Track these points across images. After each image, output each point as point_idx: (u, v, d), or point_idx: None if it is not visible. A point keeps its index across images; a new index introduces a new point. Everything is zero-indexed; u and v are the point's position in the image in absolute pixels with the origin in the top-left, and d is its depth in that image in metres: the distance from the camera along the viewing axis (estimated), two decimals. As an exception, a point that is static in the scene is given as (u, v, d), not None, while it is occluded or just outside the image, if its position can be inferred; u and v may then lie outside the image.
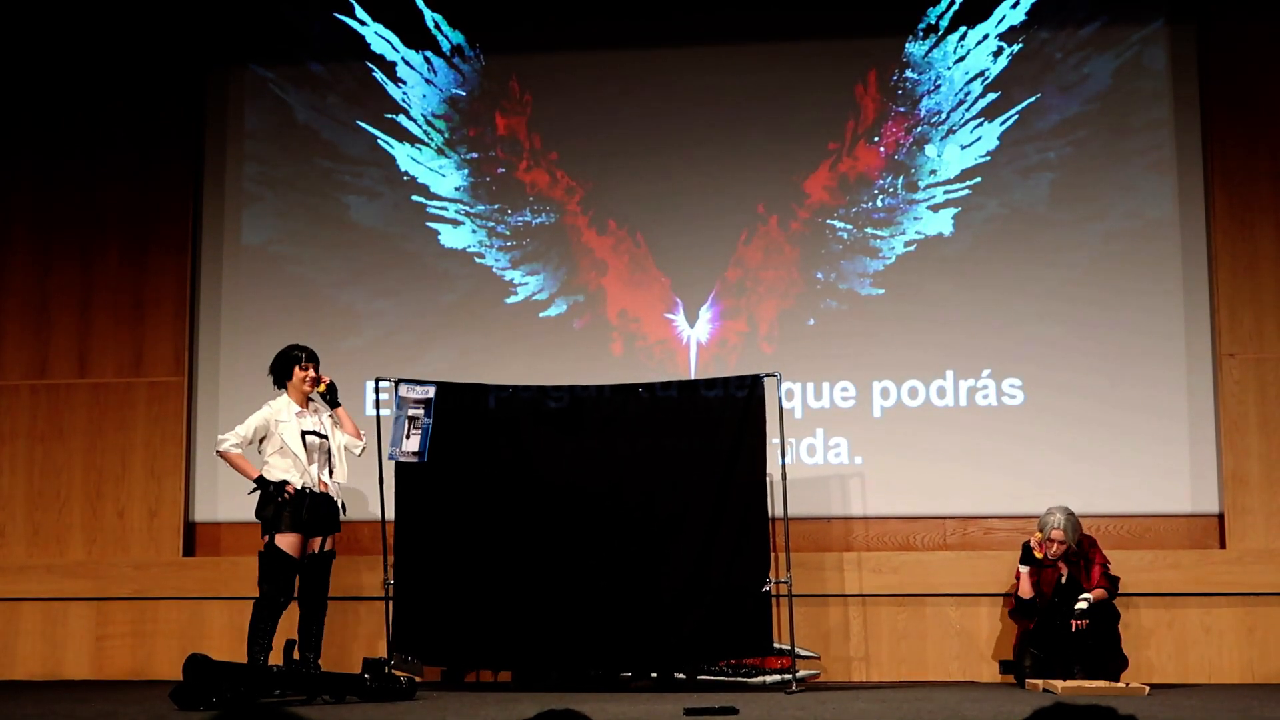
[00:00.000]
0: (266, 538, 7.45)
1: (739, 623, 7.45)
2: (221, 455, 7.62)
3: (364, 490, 8.05)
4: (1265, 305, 8.49)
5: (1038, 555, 7.65)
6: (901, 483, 8.61)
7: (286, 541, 7.43)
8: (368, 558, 8.45)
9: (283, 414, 7.58)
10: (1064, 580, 7.66)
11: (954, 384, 8.65)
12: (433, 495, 7.74)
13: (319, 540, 7.54)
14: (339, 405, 7.72)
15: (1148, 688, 7.29)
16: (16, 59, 9.37)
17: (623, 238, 8.98)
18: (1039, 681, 7.42)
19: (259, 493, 7.46)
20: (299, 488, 7.44)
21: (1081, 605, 7.52)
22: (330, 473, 7.60)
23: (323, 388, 7.65)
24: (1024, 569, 7.71)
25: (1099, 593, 7.62)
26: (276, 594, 7.42)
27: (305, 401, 7.66)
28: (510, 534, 7.69)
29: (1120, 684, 7.35)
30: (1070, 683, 7.29)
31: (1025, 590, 7.72)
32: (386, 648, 7.74)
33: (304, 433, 7.56)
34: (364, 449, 7.74)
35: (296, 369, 7.64)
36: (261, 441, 7.59)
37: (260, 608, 7.42)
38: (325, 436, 7.63)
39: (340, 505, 7.64)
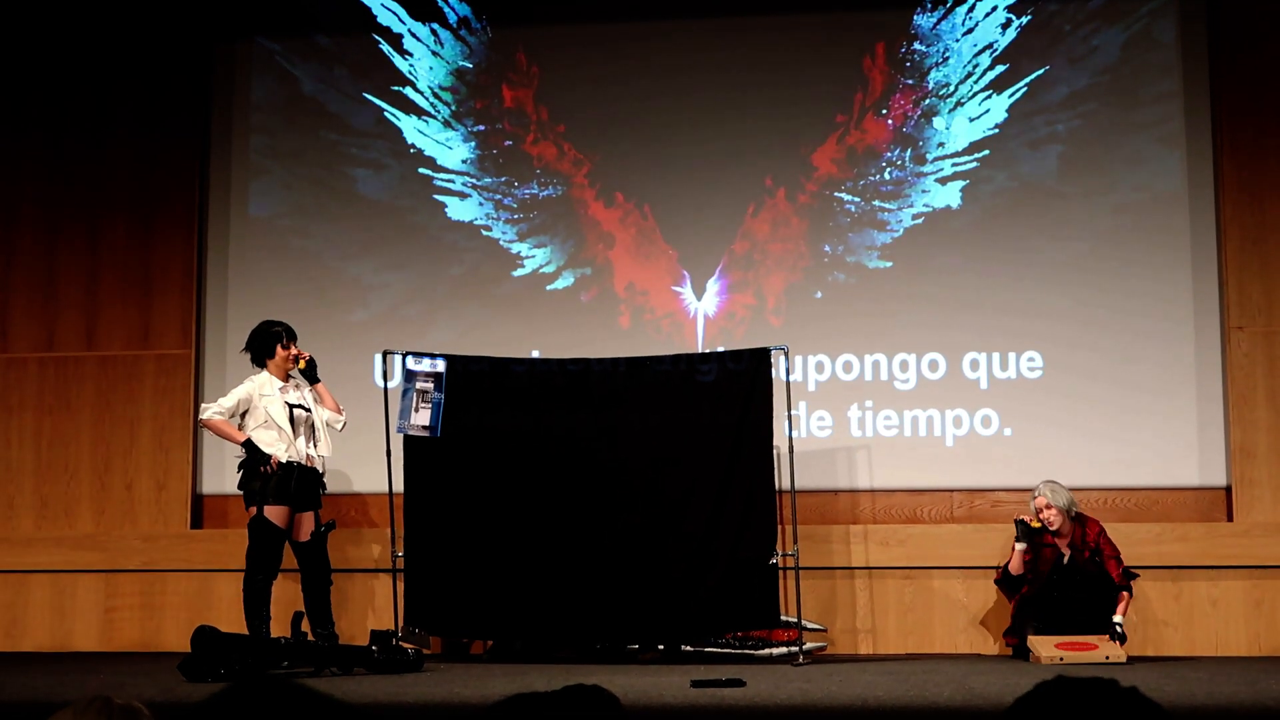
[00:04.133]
0: (253, 509, 7.51)
1: (746, 595, 7.46)
2: (204, 424, 7.71)
3: (372, 463, 8.06)
4: (1274, 278, 8.47)
5: (1035, 525, 7.60)
6: (908, 455, 8.61)
7: (274, 513, 7.49)
8: (376, 530, 8.47)
9: (266, 388, 7.63)
10: (1065, 562, 7.63)
11: (960, 356, 8.64)
12: (442, 467, 7.76)
13: (307, 515, 7.59)
14: (318, 381, 7.75)
15: (1125, 656, 7.29)
16: (23, 33, 9.36)
17: (630, 210, 8.97)
18: (1040, 641, 7.39)
19: (244, 466, 7.53)
20: (284, 460, 7.49)
21: (1118, 628, 7.48)
22: (315, 446, 7.65)
23: (303, 364, 7.69)
24: (1019, 546, 7.66)
25: (1123, 609, 7.59)
26: (264, 565, 7.48)
27: (286, 376, 7.69)
28: (519, 506, 7.71)
29: (1098, 654, 7.28)
30: (1052, 649, 7.26)
31: (1016, 567, 7.69)
32: (394, 620, 7.76)
33: (290, 406, 7.59)
34: (344, 424, 7.78)
35: (279, 347, 7.67)
36: (244, 415, 7.62)
37: (250, 581, 7.48)
38: (309, 410, 7.66)
39: (322, 480, 7.69)
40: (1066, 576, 7.61)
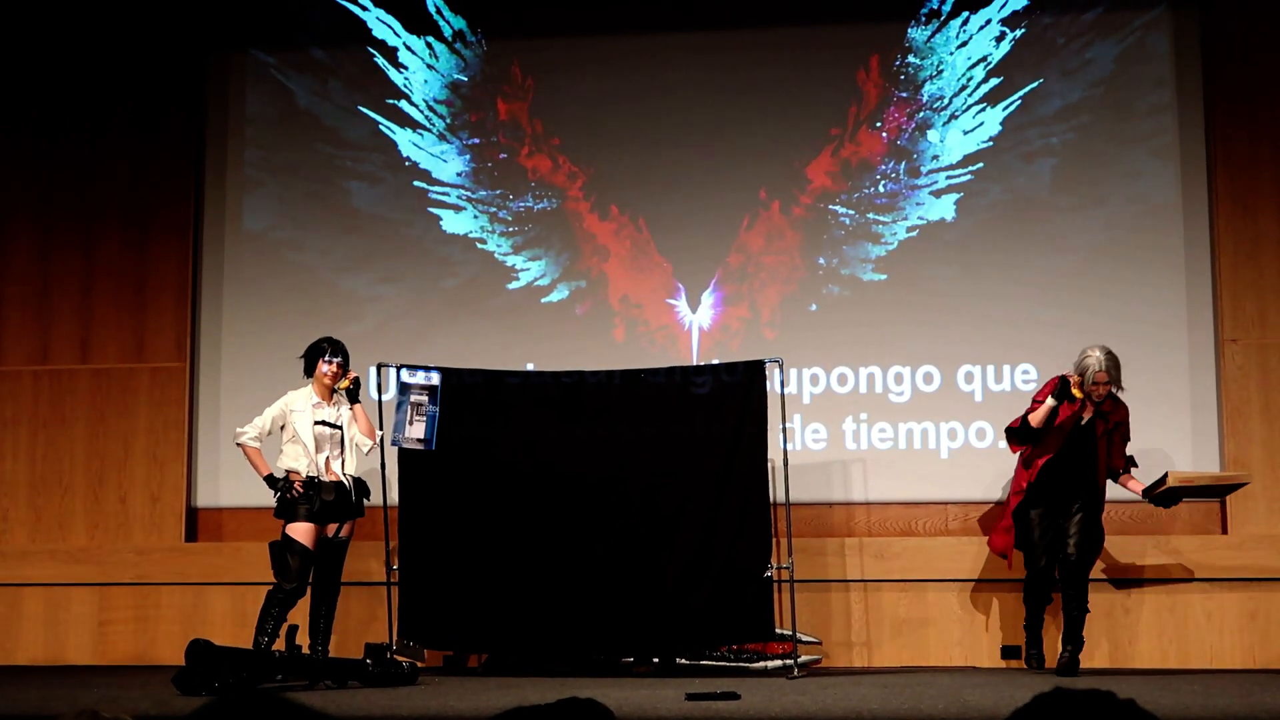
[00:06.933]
0: (281, 524, 7.54)
1: (741, 608, 7.45)
2: (239, 446, 7.72)
3: (367, 476, 8.05)
4: (1267, 290, 8.48)
5: (1077, 395, 7.41)
6: (903, 468, 8.61)
7: (300, 531, 7.48)
8: (371, 543, 8.46)
9: (297, 404, 7.69)
10: (1084, 422, 7.52)
11: (955, 368, 8.65)
12: (436, 480, 7.75)
13: (334, 526, 7.60)
14: (358, 402, 7.75)
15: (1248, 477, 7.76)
16: (17, 44, 9.36)
17: (624, 223, 8.98)
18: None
19: (271, 487, 7.57)
20: (306, 477, 7.51)
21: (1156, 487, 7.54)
22: (343, 464, 7.66)
23: (346, 383, 7.70)
24: (1050, 403, 7.42)
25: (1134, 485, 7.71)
26: (289, 584, 7.47)
27: (329, 394, 7.71)
28: (514, 519, 7.69)
29: (1223, 472, 7.80)
30: (1179, 472, 7.57)
31: (1040, 420, 7.47)
32: (389, 633, 7.74)
33: (316, 423, 7.62)
34: (372, 448, 7.76)
35: (321, 361, 7.71)
36: (281, 430, 7.69)
37: (273, 596, 7.46)
38: (339, 427, 7.68)
39: (351, 492, 7.66)
40: (1079, 439, 7.51)
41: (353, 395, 7.73)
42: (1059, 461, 7.51)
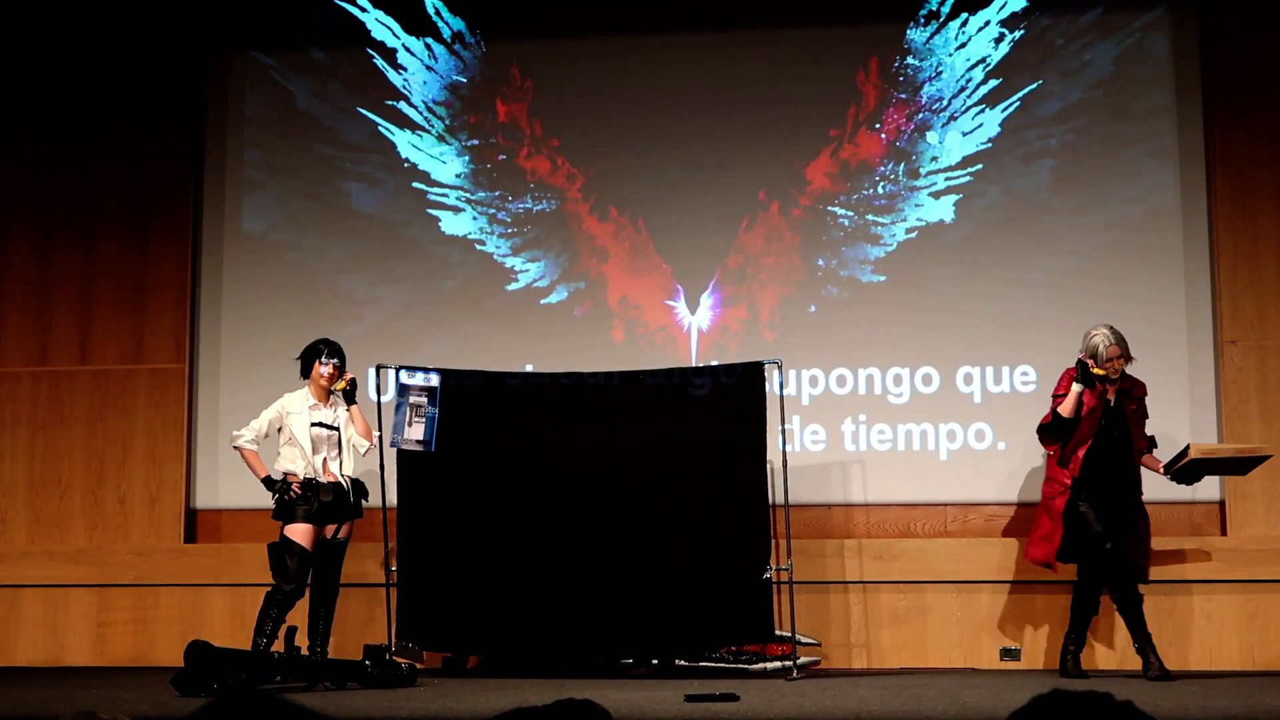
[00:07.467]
0: (279, 525, 7.53)
1: (740, 609, 7.45)
2: (236, 450, 7.71)
3: (365, 477, 8.05)
4: (1266, 292, 8.48)
5: (1099, 373, 7.38)
6: (902, 469, 8.61)
7: (298, 532, 7.48)
8: (370, 544, 8.46)
9: (294, 406, 7.69)
10: (1112, 404, 7.52)
11: (954, 370, 8.64)
12: (435, 481, 7.75)
13: (333, 527, 7.60)
14: (355, 403, 7.75)
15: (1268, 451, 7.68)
16: (17, 44, 9.36)
17: (624, 225, 8.98)
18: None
19: (269, 489, 7.56)
20: (304, 479, 7.50)
21: (1177, 463, 7.51)
22: (340, 465, 7.66)
23: (343, 384, 7.70)
24: (1077, 388, 7.39)
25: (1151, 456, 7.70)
26: (288, 585, 7.46)
27: (325, 395, 7.71)
28: (513, 520, 7.70)
29: (1246, 444, 7.81)
30: (1201, 444, 7.60)
31: (1069, 410, 7.42)
32: (388, 634, 7.74)
33: (313, 424, 7.61)
34: (369, 449, 7.77)
35: (317, 363, 7.72)
36: (279, 432, 7.67)
37: (271, 597, 7.46)
38: (336, 429, 7.68)
39: (350, 494, 7.66)
40: (1111, 422, 7.49)
41: (349, 396, 7.74)
42: (1098, 448, 7.46)
